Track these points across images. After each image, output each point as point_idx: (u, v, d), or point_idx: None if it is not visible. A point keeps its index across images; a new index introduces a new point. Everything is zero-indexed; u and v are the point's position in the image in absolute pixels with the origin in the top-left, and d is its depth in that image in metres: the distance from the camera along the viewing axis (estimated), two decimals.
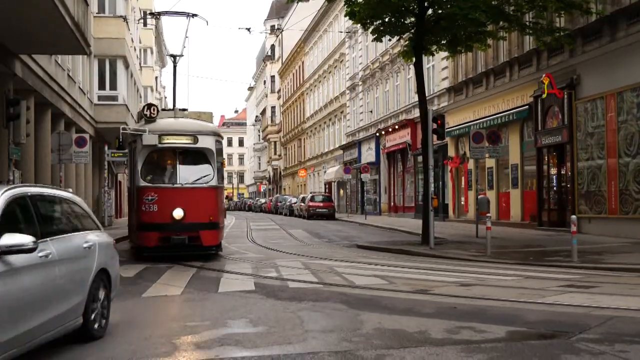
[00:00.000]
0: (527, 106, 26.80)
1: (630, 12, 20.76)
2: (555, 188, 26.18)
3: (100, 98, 34.47)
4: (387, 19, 22.24)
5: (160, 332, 8.13)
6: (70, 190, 25.39)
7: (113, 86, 34.66)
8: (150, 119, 17.84)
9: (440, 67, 36.24)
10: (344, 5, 22.64)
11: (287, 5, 65.30)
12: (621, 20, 21.14)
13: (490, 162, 30.04)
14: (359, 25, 25.07)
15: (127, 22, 35.70)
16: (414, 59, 22.58)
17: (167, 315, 9.43)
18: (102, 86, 34.55)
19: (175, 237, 16.65)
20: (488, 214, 19.10)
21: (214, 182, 17.50)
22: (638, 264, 14.27)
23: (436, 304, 9.87)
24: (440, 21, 21.54)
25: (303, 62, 74.15)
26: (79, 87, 29.72)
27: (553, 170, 26.41)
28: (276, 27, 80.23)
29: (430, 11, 21.69)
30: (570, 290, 11.11)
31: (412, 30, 22.62)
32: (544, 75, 23.75)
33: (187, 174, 17.36)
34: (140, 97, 50.61)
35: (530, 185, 27.90)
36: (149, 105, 18.25)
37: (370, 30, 23.39)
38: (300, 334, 7.86)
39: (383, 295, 10.78)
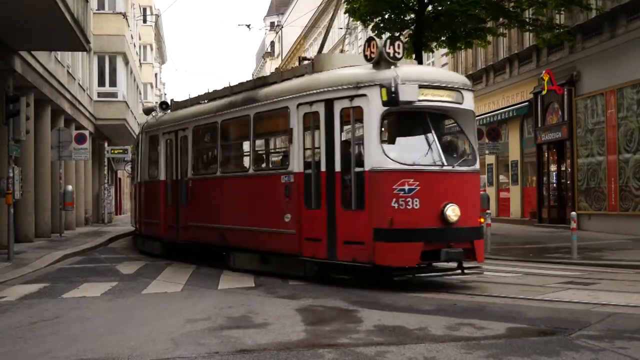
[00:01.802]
0: (527, 102, 26.82)
1: (630, 8, 20.76)
2: (555, 185, 26.21)
3: (100, 95, 34.44)
4: (386, 16, 22.23)
5: (160, 328, 8.12)
6: (70, 187, 25.77)
7: (113, 83, 34.63)
8: (390, 60, 11.12)
9: (440, 64, 36.22)
10: (344, 1, 22.61)
11: (286, 1, 65.35)
12: (621, 17, 21.14)
13: (490, 159, 30.05)
14: (359, 22, 25.03)
15: (126, 19, 35.66)
16: (413, 56, 22.55)
17: (168, 311, 9.43)
18: (101, 83, 34.51)
19: (448, 250, 10.85)
20: (488, 211, 19.11)
21: (477, 165, 12.11)
22: (638, 261, 14.29)
23: (436, 301, 9.87)
24: (440, 17, 21.53)
25: (303, 59, 73.98)
26: (79, 84, 29.70)
27: (553, 167, 26.45)
28: (276, 23, 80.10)
29: (430, 8, 21.68)
30: (570, 287, 11.13)
31: (412, 27, 22.60)
32: (544, 72, 23.78)
33: (448, 151, 11.80)
34: (140, 93, 50.61)
35: (530, 182, 27.93)
36: (369, 41, 11.46)
37: (370, 27, 23.37)
38: (300, 330, 7.86)
39: (383, 292, 10.78)
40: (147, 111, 19.80)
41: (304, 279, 12.14)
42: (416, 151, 11.38)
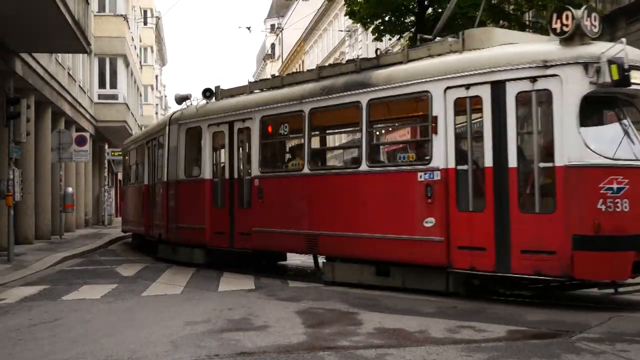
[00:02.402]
0: None
1: (629, 11, 20.76)
2: None
3: (100, 97, 34.46)
4: (387, 18, 22.23)
5: (160, 330, 8.11)
6: (70, 188, 25.75)
7: (113, 85, 34.66)
8: (589, 35, 9.66)
9: None
10: (344, 4, 22.61)
11: (287, 4, 65.44)
12: (620, 20, 21.13)
13: None
14: (359, 24, 25.05)
15: (127, 21, 35.69)
16: None
17: (167, 314, 9.42)
18: (102, 85, 34.54)
19: None
20: None
21: None
22: None
23: (436, 304, 9.86)
24: (440, 20, 21.51)
25: (303, 61, 74.07)
26: (79, 86, 29.71)
27: None
28: (276, 26, 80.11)
29: (430, 10, 21.67)
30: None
31: (412, 30, 22.59)
32: None
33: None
34: (141, 95, 50.64)
35: None
36: (559, 12, 9.77)
37: (370, 29, 23.38)
38: (300, 332, 7.85)
39: (384, 295, 10.77)
40: (180, 100, 17.40)
41: (305, 281, 12.14)
42: (616, 143, 9.71)
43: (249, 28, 66.77)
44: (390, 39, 28.95)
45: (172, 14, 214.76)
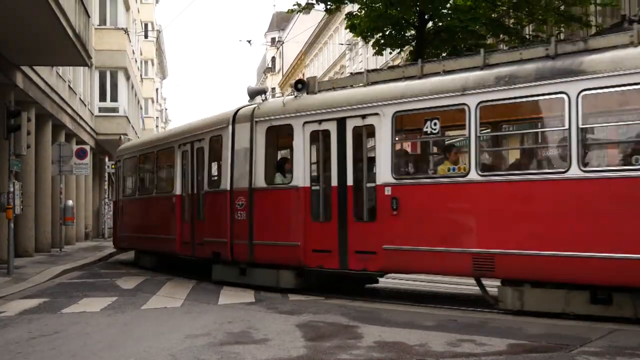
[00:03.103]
0: None
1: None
2: None
3: (101, 109, 34.52)
4: (387, 32, 22.31)
5: (160, 343, 8.10)
6: (71, 201, 25.74)
7: (114, 98, 34.71)
8: None
9: None
10: (345, 18, 22.70)
11: (287, 17, 65.62)
12: None
13: None
14: (360, 38, 25.13)
15: (128, 34, 35.79)
16: None
17: (167, 326, 9.40)
18: (103, 98, 34.59)
19: None
20: None
21: None
22: None
23: (437, 317, 9.84)
24: (440, 33, 21.61)
25: (304, 75, 74.21)
26: (80, 99, 29.77)
27: None
28: (277, 39, 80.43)
29: (430, 24, 21.76)
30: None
31: (413, 43, 22.67)
32: None
33: None
34: (141, 108, 50.71)
35: None
36: None
37: (371, 43, 23.45)
38: (300, 346, 7.83)
39: (384, 308, 10.75)
40: (254, 93, 15.05)
41: (305, 295, 12.12)
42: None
43: (249, 41, 66.80)
44: (390, 53, 29.07)
45: (173, 27, 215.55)
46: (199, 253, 15.40)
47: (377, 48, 23.03)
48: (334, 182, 12.30)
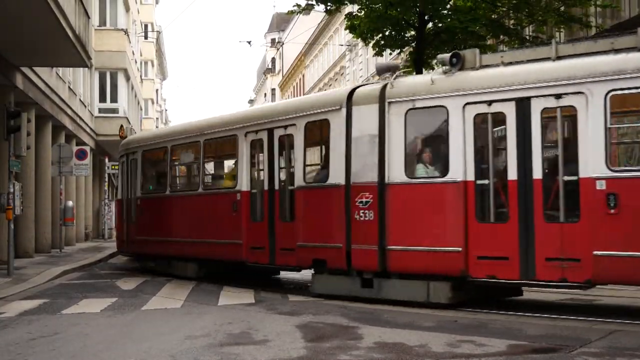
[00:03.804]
0: None
1: (629, 25, 20.80)
2: None
3: (100, 110, 34.53)
4: (387, 33, 22.29)
5: (160, 344, 8.10)
6: (71, 202, 25.74)
7: (114, 99, 34.72)
8: None
9: None
10: (345, 19, 22.69)
11: (287, 18, 65.68)
12: (623, 34, 21.17)
13: None
14: (359, 39, 25.14)
15: (128, 35, 35.80)
16: (414, 73, 22.62)
17: (167, 327, 9.40)
18: (102, 99, 34.60)
19: None
20: None
21: None
22: None
23: (437, 318, 9.84)
24: (440, 34, 21.59)
25: (304, 75, 74.30)
26: (80, 100, 29.78)
27: None
28: (277, 40, 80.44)
29: (430, 25, 21.74)
30: (572, 304, 11.09)
31: (413, 44, 22.67)
32: None
33: None
34: (141, 109, 50.73)
35: None
36: None
37: (370, 44, 23.44)
38: (300, 347, 7.83)
39: (384, 309, 10.75)
40: (383, 70, 12.54)
41: (305, 295, 12.11)
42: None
43: (249, 42, 66.70)
44: (390, 54, 29.08)
45: (172, 28, 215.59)
46: (283, 260, 13.16)
47: (377, 49, 23.02)
48: (512, 174, 10.32)
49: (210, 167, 16.92)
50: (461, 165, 10.62)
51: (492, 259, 10.32)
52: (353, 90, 12.36)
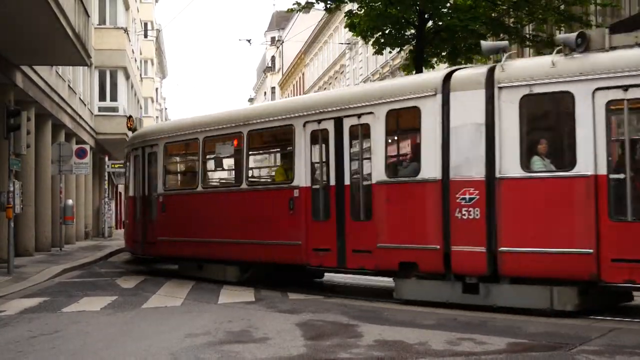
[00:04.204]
0: None
1: (629, 24, 20.80)
2: None
3: (100, 109, 34.49)
4: (387, 31, 22.30)
5: (160, 343, 8.10)
6: (70, 201, 25.74)
7: (114, 97, 34.69)
8: None
9: None
10: (344, 17, 22.70)
11: (287, 16, 65.64)
12: (620, 32, 21.17)
13: None
14: (359, 37, 25.14)
15: (127, 34, 35.79)
16: (414, 72, 22.62)
17: (167, 326, 9.41)
18: (102, 97, 34.57)
19: None
20: None
21: None
22: None
23: (437, 316, 9.85)
24: (440, 33, 21.60)
25: (303, 74, 74.29)
26: (80, 98, 29.76)
27: None
28: (276, 38, 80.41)
29: (430, 23, 21.75)
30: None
31: (413, 43, 22.67)
32: None
33: None
34: (141, 108, 50.72)
35: None
36: None
37: (370, 42, 23.44)
38: (300, 345, 7.84)
39: (384, 307, 10.76)
40: (491, 50, 11.84)
41: (305, 293, 12.11)
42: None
43: (249, 40, 66.70)
44: (390, 52, 29.07)
45: (172, 26, 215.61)
46: (355, 263, 11.85)
47: (377, 47, 23.02)
48: None
49: (255, 160, 15.57)
50: (591, 157, 9.47)
51: (632, 262, 9.22)
52: (449, 74, 11.05)
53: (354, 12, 22.19)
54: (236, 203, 14.32)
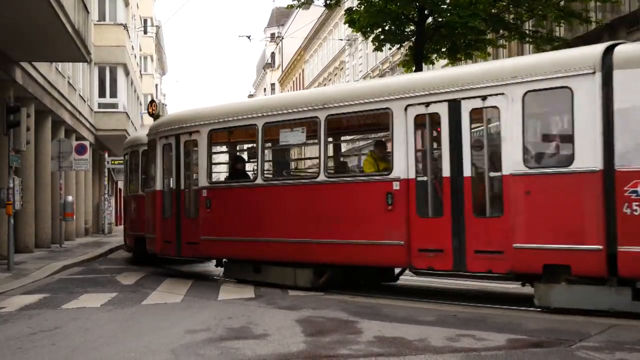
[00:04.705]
0: None
1: (629, 20, 20.81)
2: None
3: (100, 105, 34.52)
4: (387, 27, 22.31)
5: (160, 339, 8.11)
6: (70, 197, 25.74)
7: (113, 94, 34.70)
8: None
9: None
10: (344, 13, 22.70)
11: (287, 12, 65.60)
12: (621, 29, 21.19)
13: None
14: (359, 33, 25.14)
15: (127, 30, 35.77)
16: (414, 68, 22.63)
17: (167, 322, 9.41)
18: (102, 94, 34.59)
19: None
20: None
21: None
22: None
23: (437, 312, 9.85)
24: (440, 29, 21.61)
25: (303, 70, 74.26)
26: (79, 95, 29.76)
27: None
28: (276, 34, 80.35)
29: (430, 19, 21.76)
30: None
31: (412, 39, 22.67)
32: None
33: None
34: (141, 104, 50.69)
35: None
36: None
37: (370, 38, 23.45)
38: (300, 341, 7.84)
39: (384, 303, 10.76)
40: None
41: (305, 290, 12.11)
42: None
43: (249, 37, 66.79)
44: (390, 49, 29.06)
45: (172, 22, 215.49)
46: (481, 266, 10.36)
47: (376, 44, 23.02)
48: None
49: (335, 149, 13.74)
50: None
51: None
52: (608, 49, 9.56)
53: (354, 8, 22.20)
54: (310, 197, 12.45)
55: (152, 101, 17.44)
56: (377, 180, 11.44)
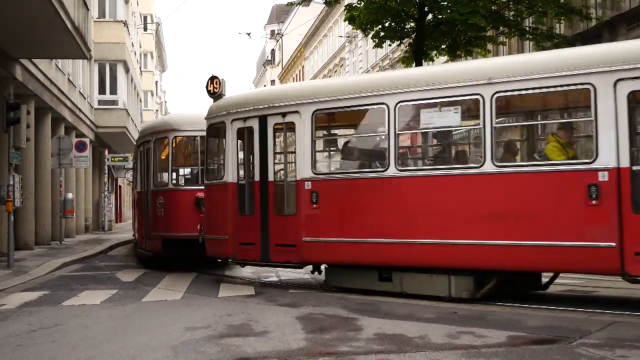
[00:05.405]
0: None
1: (629, 17, 20.80)
2: None
3: (100, 102, 34.51)
4: (387, 24, 22.27)
5: (160, 336, 8.11)
6: (70, 194, 25.73)
7: (113, 90, 34.69)
8: None
9: None
10: (344, 10, 22.66)
11: (287, 9, 65.54)
12: (621, 26, 21.18)
13: None
14: (359, 30, 25.11)
15: (127, 27, 35.75)
16: (414, 65, 22.59)
17: (167, 319, 9.41)
18: (102, 90, 34.58)
19: None
20: None
21: None
22: None
23: (437, 309, 9.85)
24: (440, 26, 21.57)
25: (303, 67, 74.19)
26: (79, 92, 29.75)
27: None
28: (276, 31, 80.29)
29: (430, 16, 21.72)
30: (570, 295, 11.10)
31: (412, 36, 22.63)
32: None
33: None
34: (141, 101, 50.70)
35: None
36: None
37: (370, 35, 23.41)
38: (300, 338, 7.84)
39: (384, 300, 10.76)
40: None
41: (305, 287, 12.11)
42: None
43: (249, 34, 66.39)
44: (390, 45, 29.01)
45: (172, 20, 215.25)
46: None
47: (376, 40, 22.98)
48: None
49: (502, 133, 11.44)
50: None
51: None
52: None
53: (354, 5, 22.16)
54: (472, 190, 10.37)
55: (215, 77, 14.97)
56: (574, 170, 9.51)
